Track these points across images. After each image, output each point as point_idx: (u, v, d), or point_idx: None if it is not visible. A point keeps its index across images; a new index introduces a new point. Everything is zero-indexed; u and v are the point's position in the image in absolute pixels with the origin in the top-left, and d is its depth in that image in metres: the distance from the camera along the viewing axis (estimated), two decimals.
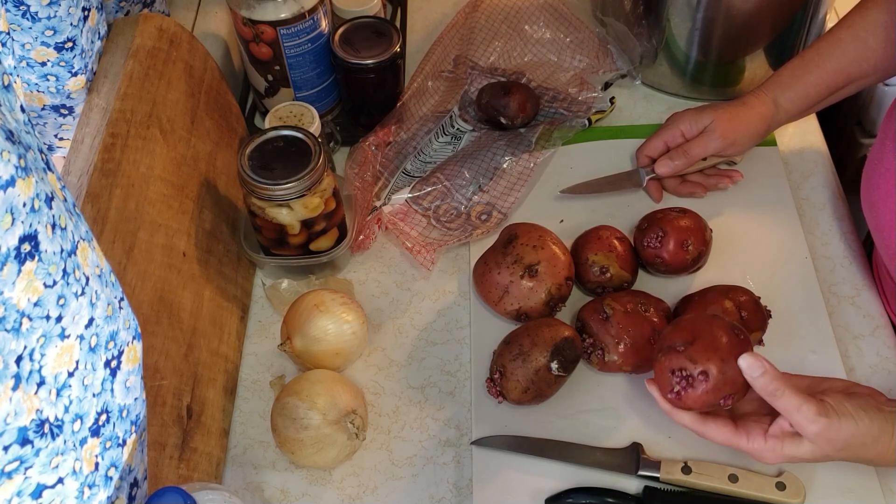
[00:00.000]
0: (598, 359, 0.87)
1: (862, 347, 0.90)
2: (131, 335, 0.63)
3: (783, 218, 0.99)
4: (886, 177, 0.86)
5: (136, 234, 0.78)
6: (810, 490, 0.79)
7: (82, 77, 0.85)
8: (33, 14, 0.78)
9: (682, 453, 0.82)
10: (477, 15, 1.17)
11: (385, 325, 0.95)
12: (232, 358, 0.92)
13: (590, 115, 1.08)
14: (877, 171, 0.88)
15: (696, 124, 0.98)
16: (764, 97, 0.96)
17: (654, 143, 1.01)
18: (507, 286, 0.90)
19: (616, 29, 1.10)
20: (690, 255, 0.91)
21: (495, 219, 1.00)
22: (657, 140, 1.01)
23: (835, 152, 1.09)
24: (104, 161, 0.79)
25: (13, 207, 0.48)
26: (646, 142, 1.02)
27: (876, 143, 0.91)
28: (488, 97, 1.07)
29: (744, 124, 0.96)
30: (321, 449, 0.81)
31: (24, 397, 0.51)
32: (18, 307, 0.50)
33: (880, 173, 0.87)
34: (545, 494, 0.81)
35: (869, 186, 0.90)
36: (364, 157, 1.05)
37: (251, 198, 0.89)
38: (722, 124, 0.96)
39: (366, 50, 1.05)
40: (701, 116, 0.98)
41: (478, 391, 0.88)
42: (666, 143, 1.00)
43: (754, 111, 0.96)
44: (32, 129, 0.53)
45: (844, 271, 0.95)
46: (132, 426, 0.64)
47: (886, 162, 0.86)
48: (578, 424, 0.85)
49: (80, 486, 0.57)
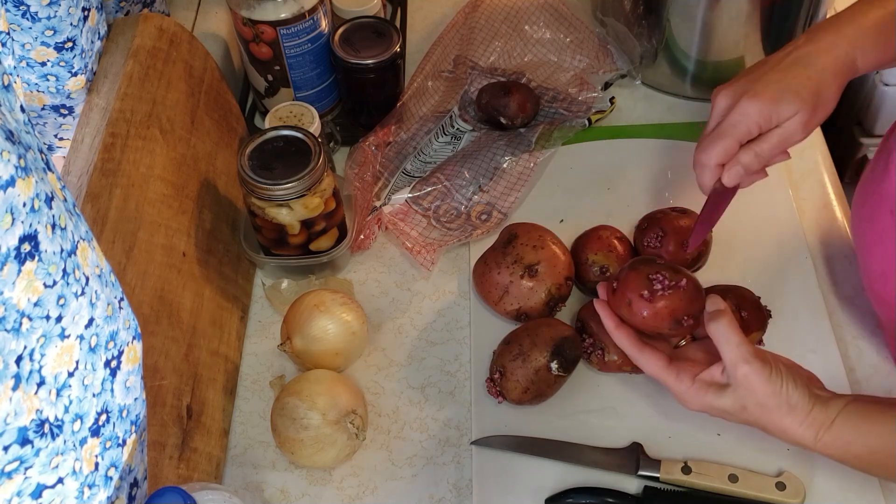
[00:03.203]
0: (598, 359, 0.87)
1: (862, 347, 0.90)
2: (131, 335, 0.63)
3: (783, 218, 0.99)
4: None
5: (136, 234, 0.78)
6: (810, 490, 0.79)
7: (82, 77, 0.85)
8: (33, 14, 0.78)
9: (682, 453, 0.82)
10: (477, 15, 1.17)
11: (385, 325, 0.95)
12: (232, 358, 0.92)
13: (590, 115, 1.08)
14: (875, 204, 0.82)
15: (776, 117, 0.78)
16: (841, 56, 0.78)
17: (725, 146, 0.79)
18: (507, 286, 0.90)
19: (616, 29, 1.10)
20: (690, 255, 0.91)
21: (495, 219, 1.00)
22: (730, 141, 0.79)
23: (835, 152, 1.09)
24: (104, 161, 0.79)
25: (13, 207, 0.48)
26: (706, 146, 0.80)
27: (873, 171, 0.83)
28: (488, 97, 1.07)
29: (823, 110, 0.79)
30: (321, 449, 0.81)
31: (24, 397, 0.51)
32: (18, 307, 0.50)
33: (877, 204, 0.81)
34: (545, 494, 0.81)
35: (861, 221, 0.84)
36: (364, 157, 1.05)
37: (251, 198, 0.89)
38: (804, 116, 0.78)
39: (366, 50, 1.05)
40: (781, 107, 0.77)
41: (478, 391, 0.88)
42: (740, 144, 0.79)
43: (833, 84, 0.78)
44: (32, 129, 0.53)
45: (844, 271, 0.95)
46: (132, 426, 0.64)
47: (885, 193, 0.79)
48: (578, 424, 0.85)
49: (80, 486, 0.57)
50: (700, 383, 0.74)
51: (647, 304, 0.75)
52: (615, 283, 0.78)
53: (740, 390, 0.72)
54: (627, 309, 0.76)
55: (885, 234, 0.80)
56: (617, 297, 0.78)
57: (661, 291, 0.75)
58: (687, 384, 0.74)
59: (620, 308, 0.77)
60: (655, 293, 0.75)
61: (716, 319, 0.73)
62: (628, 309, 0.76)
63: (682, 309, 0.75)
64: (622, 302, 0.77)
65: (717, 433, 0.83)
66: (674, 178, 1.03)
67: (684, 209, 0.94)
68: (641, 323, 0.76)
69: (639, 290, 0.76)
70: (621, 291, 0.77)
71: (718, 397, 0.73)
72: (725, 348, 0.72)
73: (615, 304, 0.78)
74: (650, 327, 0.77)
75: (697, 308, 0.76)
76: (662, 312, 0.75)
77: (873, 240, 0.83)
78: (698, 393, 0.74)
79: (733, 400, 0.73)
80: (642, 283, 0.76)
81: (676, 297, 0.75)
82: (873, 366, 0.88)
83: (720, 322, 0.73)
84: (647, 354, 0.76)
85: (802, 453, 0.81)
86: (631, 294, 0.76)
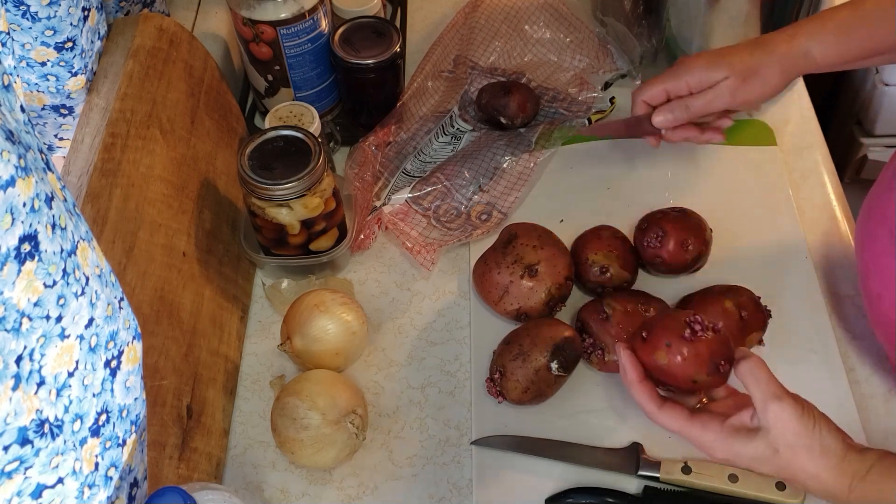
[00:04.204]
0: (598, 359, 0.87)
1: (862, 348, 0.90)
2: (131, 335, 0.63)
3: (783, 218, 0.99)
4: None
5: (136, 234, 0.78)
6: None
7: (82, 77, 0.85)
8: (33, 14, 0.78)
9: (682, 453, 0.82)
10: (477, 15, 1.17)
11: (385, 325, 0.95)
12: (232, 358, 0.92)
13: (590, 115, 1.08)
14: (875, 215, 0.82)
15: (705, 79, 0.88)
16: (795, 46, 0.86)
17: (654, 90, 0.92)
18: (507, 286, 0.90)
19: (616, 29, 1.10)
20: (690, 255, 0.91)
21: (495, 219, 1.00)
22: (658, 86, 0.91)
23: (835, 152, 1.09)
24: (104, 161, 0.79)
25: (13, 207, 0.48)
26: (644, 85, 0.93)
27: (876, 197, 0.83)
28: (488, 97, 1.07)
29: (759, 84, 0.88)
30: (321, 449, 0.81)
31: (24, 397, 0.51)
32: (18, 307, 0.50)
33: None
34: (545, 494, 0.81)
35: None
36: (364, 157, 1.05)
37: (251, 198, 0.89)
38: (734, 83, 0.88)
39: (366, 50, 1.05)
40: (712, 71, 0.88)
41: (478, 391, 0.88)
42: (667, 92, 0.91)
43: (776, 67, 0.87)
44: (32, 129, 0.53)
45: (844, 271, 0.95)
46: (132, 426, 0.64)
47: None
48: (578, 424, 0.85)
49: (80, 486, 0.57)
50: (728, 429, 0.69)
51: (688, 345, 0.72)
52: (644, 332, 0.75)
53: (772, 431, 0.67)
54: (666, 351, 0.72)
55: (882, 254, 0.79)
56: (650, 344, 0.74)
57: (701, 333, 0.72)
58: (715, 432, 0.70)
59: (655, 352, 0.73)
60: (696, 334, 0.72)
61: (745, 359, 0.70)
62: (667, 351, 0.72)
63: (720, 352, 0.72)
64: (659, 345, 0.73)
65: None
66: (674, 178, 1.03)
67: (684, 209, 0.94)
68: (679, 368, 0.72)
69: (679, 331, 0.72)
70: (658, 334, 0.73)
71: (748, 443, 0.68)
72: (755, 387, 0.68)
73: (645, 352, 0.74)
74: (685, 373, 0.72)
75: (731, 353, 0.73)
76: (703, 355, 0.72)
77: (871, 258, 0.82)
78: (727, 441, 0.69)
79: (764, 445, 0.68)
80: (681, 326, 0.73)
81: (715, 340, 0.72)
82: (873, 366, 0.88)
83: (749, 361, 0.70)
84: (668, 409, 0.72)
85: None
86: (671, 336, 0.72)
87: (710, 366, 0.71)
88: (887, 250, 0.79)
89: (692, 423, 0.70)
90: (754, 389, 0.68)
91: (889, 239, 0.79)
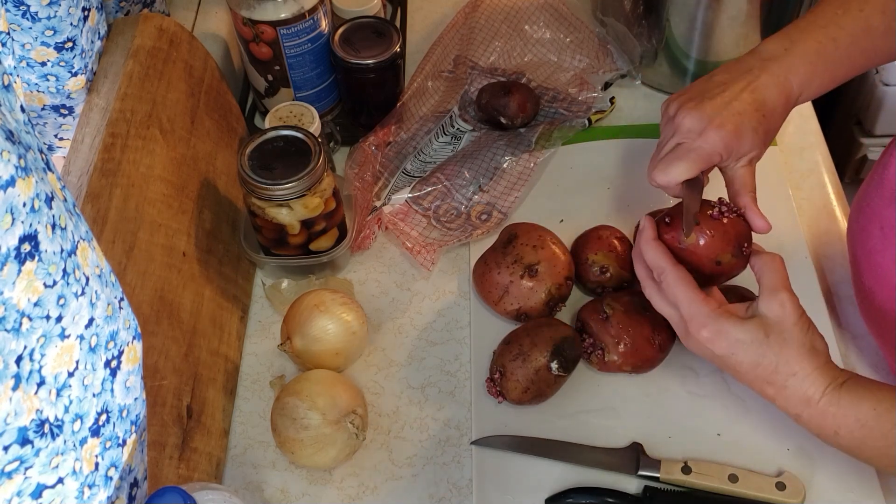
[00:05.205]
0: (598, 359, 0.87)
1: (862, 347, 0.90)
2: (131, 335, 0.63)
3: (783, 218, 0.99)
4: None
5: (136, 234, 0.78)
6: (810, 490, 0.79)
7: (82, 77, 0.85)
8: (33, 14, 0.78)
9: (682, 453, 0.82)
10: (477, 15, 1.17)
11: (385, 325, 0.95)
12: (232, 358, 0.92)
13: (590, 115, 1.08)
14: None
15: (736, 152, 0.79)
16: (793, 95, 0.81)
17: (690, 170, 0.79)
18: (507, 286, 0.90)
19: (616, 29, 1.10)
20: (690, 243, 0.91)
21: (495, 219, 1.00)
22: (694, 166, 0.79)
23: (835, 152, 1.09)
24: (104, 161, 0.79)
25: (13, 207, 0.48)
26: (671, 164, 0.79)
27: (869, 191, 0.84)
28: (488, 97, 1.07)
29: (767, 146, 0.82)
30: (321, 449, 0.81)
31: (24, 397, 0.51)
32: (18, 307, 0.50)
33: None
34: (545, 494, 0.81)
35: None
36: (364, 157, 1.05)
37: (251, 198, 0.89)
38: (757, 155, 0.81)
39: (366, 50, 1.05)
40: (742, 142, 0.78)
41: (478, 391, 0.88)
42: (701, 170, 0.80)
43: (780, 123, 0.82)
44: (32, 129, 0.53)
45: (844, 271, 0.95)
46: (132, 426, 0.64)
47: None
48: (578, 424, 0.85)
49: (80, 486, 0.57)
50: (723, 310, 0.73)
51: (714, 224, 0.73)
52: (667, 217, 0.75)
53: (771, 317, 0.72)
54: (696, 229, 0.73)
55: (873, 251, 0.81)
56: (674, 226, 0.74)
57: (728, 214, 0.75)
58: (710, 307, 0.73)
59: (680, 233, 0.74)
60: (723, 213, 0.74)
61: (764, 252, 0.75)
62: (697, 229, 0.73)
63: (744, 234, 0.74)
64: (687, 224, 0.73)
65: (717, 433, 0.83)
66: None
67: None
68: (704, 248, 0.73)
69: (706, 210, 0.74)
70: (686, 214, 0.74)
71: (738, 325, 0.72)
72: (770, 274, 0.73)
73: (670, 234, 0.75)
74: (710, 253, 0.74)
75: (751, 238, 0.75)
76: (729, 234, 0.74)
77: (863, 253, 0.83)
78: (719, 319, 0.72)
79: (755, 329, 0.72)
80: (707, 206, 0.75)
81: (740, 222, 0.75)
82: (873, 366, 0.88)
83: (768, 253, 0.75)
84: (679, 270, 0.74)
85: (803, 453, 0.81)
86: (700, 215, 0.74)
87: (735, 246, 0.74)
88: (878, 246, 0.80)
89: (697, 290, 0.73)
90: (769, 276, 0.73)
91: (879, 235, 0.79)
